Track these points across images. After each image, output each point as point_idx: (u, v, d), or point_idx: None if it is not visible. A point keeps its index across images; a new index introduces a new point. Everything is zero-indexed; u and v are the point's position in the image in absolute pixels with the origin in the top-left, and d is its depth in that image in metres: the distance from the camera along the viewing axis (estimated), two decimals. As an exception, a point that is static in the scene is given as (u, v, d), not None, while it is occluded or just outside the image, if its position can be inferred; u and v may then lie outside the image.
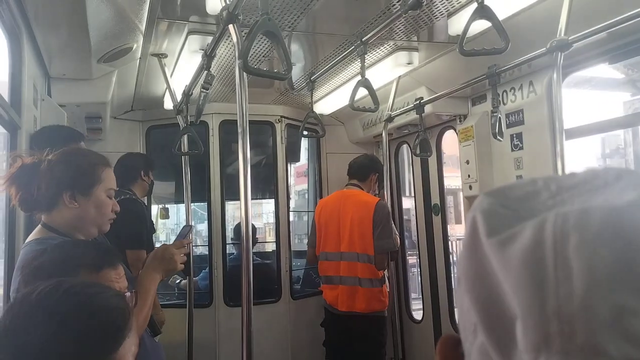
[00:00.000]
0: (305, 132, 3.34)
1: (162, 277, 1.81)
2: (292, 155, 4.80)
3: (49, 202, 1.63)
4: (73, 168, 1.66)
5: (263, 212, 6.68)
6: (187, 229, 2.14)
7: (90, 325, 0.91)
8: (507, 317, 0.36)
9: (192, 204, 3.79)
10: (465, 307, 0.40)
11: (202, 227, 4.84)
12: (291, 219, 4.76)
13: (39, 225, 1.67)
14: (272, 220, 4.52)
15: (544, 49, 2.31)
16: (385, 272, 3.62)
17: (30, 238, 1.65)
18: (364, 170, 3.64)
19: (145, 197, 4.13)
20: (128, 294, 1.31)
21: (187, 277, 3.70)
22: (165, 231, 5.80)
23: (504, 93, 3.19)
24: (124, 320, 0.97)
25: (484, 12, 1.93)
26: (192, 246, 3.77)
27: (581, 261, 0.32)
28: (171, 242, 2.01)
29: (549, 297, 0.33)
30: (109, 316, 0.95)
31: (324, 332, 3.70)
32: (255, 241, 4.71)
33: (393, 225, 3.57)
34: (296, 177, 6.16)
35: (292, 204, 5.40)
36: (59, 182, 1.62)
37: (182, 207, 3.98)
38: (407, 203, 5.02)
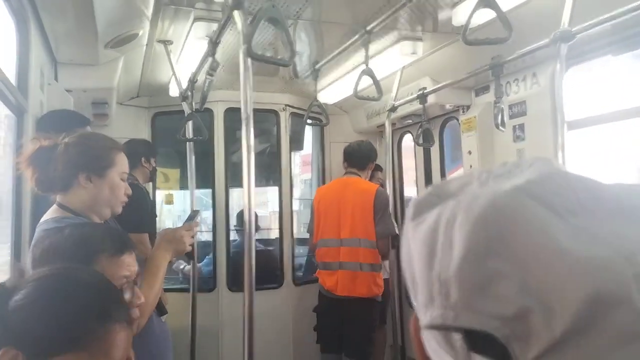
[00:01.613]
0: (309, 121, 3.36)
1: (172, 257, 1.87)
2: (296, 143, 4.82)
3: (65, 182, 1.68)
4: (89, 150, 1.71)
5: (269, 201, 6.70)
6: (195, 213, 2.21)
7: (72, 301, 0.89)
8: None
9: (196, 191, 3.82)
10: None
11: (206, 215, 4.86)
12: (297, 207, 4.78)
13: (54, 205, 1.72)
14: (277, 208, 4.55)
15: (547, 39, 2.31)
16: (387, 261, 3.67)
17: (46, 217, 1.69)
18: (364, 160, 3.68)
19: (151, 183, 4.18)
20: (139, 276, 1.35)
21: (191, 262, 3.74)
22: (171, 218, 5.82)
23: (507, 84, 3.20)
24: (108, 302, 0.94)
25: (487, 1, 1.94)
26: (197, 231, 3.80)
27: (461, 236, 0.39)
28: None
29: (435, 265, 0.41)
30: (91, 296, 0.93)
31: (315, 317, 3.74)
32: (257, 228, 4.75)
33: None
34: (302, 166, 6.17)
35: (298, 193, 5.43)
36: (76, 164, 1.68)
37: (187, 193, 4.01)
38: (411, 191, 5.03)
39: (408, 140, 4.71)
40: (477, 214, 0.39)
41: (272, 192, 4.93)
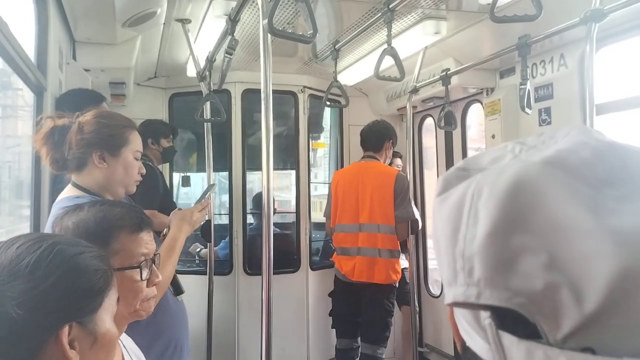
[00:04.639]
0: (328, 102, 3.30)
1: (189, 230, 1.89)
2: (315, 126, 4.77)
3: (78, 162, 1.68)
4: (103, 129, 1.70)
5: (292, 184, 6.65)
6: (210, 187, 2.25)
7: (71, 286, 0.87)
8: None
9: (214, 173, 3.79)
10: None
11: (225, 198, 4.85)
12: (325, 191, 4.71)
13: (69, 185, 1.72)
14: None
15: (577, 19, 2.22)
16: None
17: (61, 196, 1.69)
18: (379, 141, 3.61)
19: (168, 164, 4.17)
20: (157, 255, 1.34)
21: (208, 245, 3.74)
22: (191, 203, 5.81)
23: (534, 66, 3.10)
24: (104, 283, 0.92)
25: (517, -23, 1.86)
26: (213, 215, 3.79)
27: (486, 211, 0.37)
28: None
29: (459, 241, 0.40)
30: (90, 279, 0.90)
31: (331, 302, 3.73)
32: (273, 211, 4.72)
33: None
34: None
35: (323, 176, 5.39)
36: (89, 143, 1.67)
37: (205, 176, 3.99)
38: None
39: (428, 125, 4.63)
40: (502, 188, 0.37)
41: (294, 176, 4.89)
